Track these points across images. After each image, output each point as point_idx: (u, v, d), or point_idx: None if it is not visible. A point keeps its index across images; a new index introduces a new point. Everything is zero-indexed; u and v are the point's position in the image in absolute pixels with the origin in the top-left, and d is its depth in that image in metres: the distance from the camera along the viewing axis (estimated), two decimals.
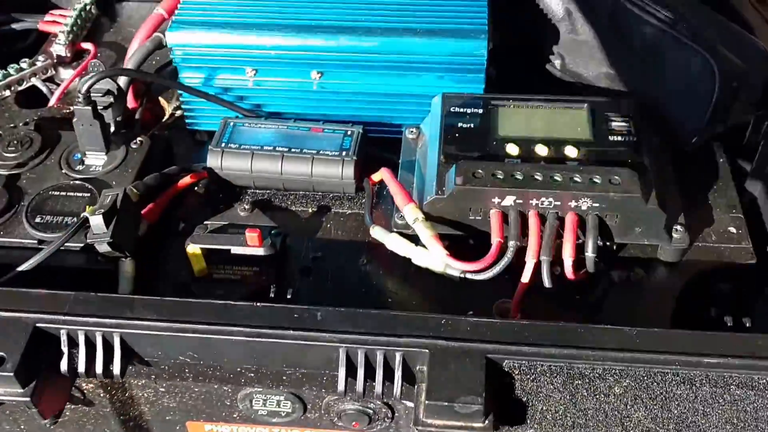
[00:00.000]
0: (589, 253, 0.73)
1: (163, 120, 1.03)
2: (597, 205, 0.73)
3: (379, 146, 0.92)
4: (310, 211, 0.88)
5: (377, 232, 0.80)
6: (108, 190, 0.79)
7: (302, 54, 0.88)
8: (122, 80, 0.96)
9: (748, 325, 0.73)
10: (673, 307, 0.76)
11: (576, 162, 0.77)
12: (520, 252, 0.73)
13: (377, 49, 0.86)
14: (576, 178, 0.73)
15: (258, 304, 0.67)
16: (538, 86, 0.99)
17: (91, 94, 0.86)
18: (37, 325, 0.67)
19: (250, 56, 0.89)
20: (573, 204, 0.73)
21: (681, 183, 0.83)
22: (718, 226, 0.82)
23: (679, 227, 0.77)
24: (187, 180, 0.88)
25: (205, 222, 0.85)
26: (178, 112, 0.99)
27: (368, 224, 0.81)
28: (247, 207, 0.86)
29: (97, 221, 0.76)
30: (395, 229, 0.80)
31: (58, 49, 1.10)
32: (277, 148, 0.86)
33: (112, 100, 0.90)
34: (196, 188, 0.90)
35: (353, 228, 0.86)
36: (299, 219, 0.87)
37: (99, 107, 0.88)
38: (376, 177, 0.85)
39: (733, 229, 0.81)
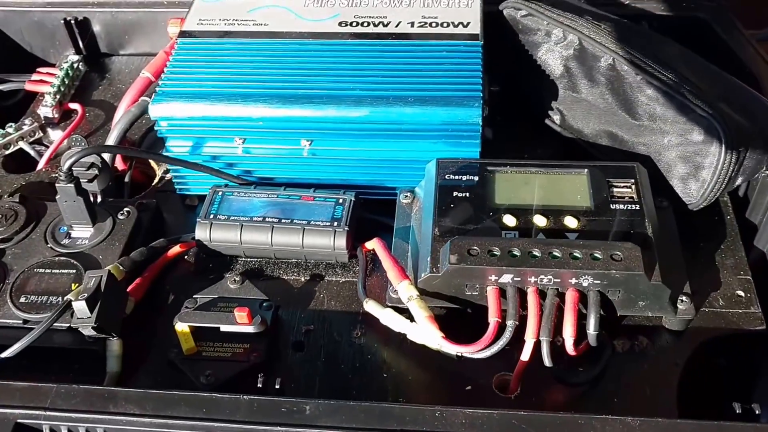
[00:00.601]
0: (591, 331, 0.70)
1: (154, 183, 1.00)
2: (598, 282, 0.70)
3: (373, 209, 0.89)
4: (302, 279, 0.85)
5: (371, 307, 0.77)
6: (92, 272, 0.76)
7: (290, 124, 0.85)
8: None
9: (757, 412, 0.70)
10: (679, 378, 0.73)
11: (576, 233, 0.74)
12: (521, 325, 0.70)
13: (367, 119, 0.84)
14: (576, 254, 0.70)
15: (244, 396, 0.64)
16: (538, 142, 0.97)
17: (74, 170, 0.83)
18: (19, 420, 0.65)
19: (236, 126, 0.87)
20: (573, 281, 0.70)
21: (686, 243, 0.80)
22: (726, 289, 0.79)
23: (684, 298, 0.74)
24: (176, 250, 0.86)
25: (195, 296, 0.82)
26: (169, 175, 0.96)
27: (361, 298, 0.78)
28: (237, 279, 0.83)
29: (80, 306, 0.73)
30: (389, 304, 0.77)
31: (45, 111, 1.09)
32: (266, 219, 0.84)
33: (96, 173, 0.87)
34: (186, 257, 0.88)
35: (347, 298, 0.83)
36: (291, 289, 0.84)
37: (83, 180, 0.86)
38: (369, 245, 0.82)
39: (741, 293, 0.78)
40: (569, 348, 0.70)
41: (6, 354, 0.74)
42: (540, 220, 0.76)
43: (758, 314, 0.77)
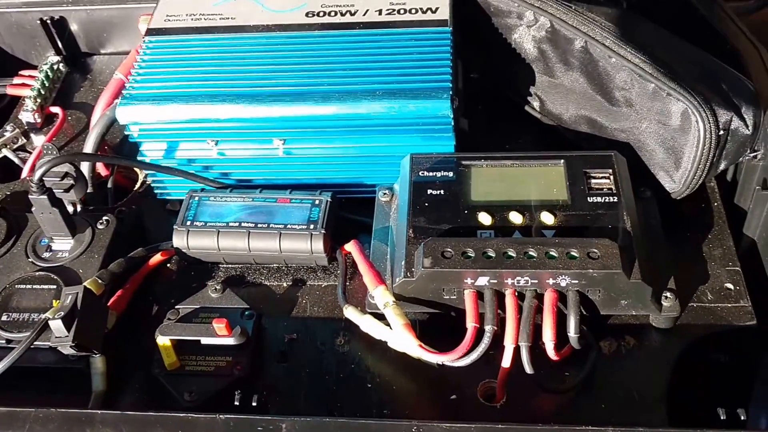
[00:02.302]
0: (572, 334, 0.68)
1: (136, 188, 0.99)
2: (576, 281, 0.69)
3: (354, 208, 0.88)
4: (284, 285, 0.84)
5: (351, 313, 0.76)
6: (68, 289, 0.76)
7: (260, 124, 0.84)
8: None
9: (743, 417, 0.68)
10: (668, 378, 0.71)
11: (553, 230, 0.73)
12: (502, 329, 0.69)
13: (336, 116, 0.82)
14: (552, 253, 0.69)
15: (220, 416, 0.64)
16: (519, 129, 0.95)
17: (48, 181, 0.83)
18: None
19: (207, 128, 0.85)
20: (551, 281, 0.69)
21: (671, 234, 0.78)
22: (714, 282, 0.77)
23: (669, 294, 0.72)
24: (157, 259, 0.86)
25: (177, 306, 0.82)
26: (150, 179, 0.95)
27: (341, 305, 0.77)
28: (218, 287, 0.83)
29: (57, 325, 0.73)
30: (369, 310, 0.76)
31: (27, 116, 1.08)
32: (243, 224, 0.83)
33: (72, 182, 0.86)
34: (168, 264, 0.87)
35: (329, 303, 0.82)
36: (273, 295, 0.84)
37: (59, 190, 0.85)
38: (348, 247, 0.81)
39: (730, 286, 0.76)
40: (550, 353, 0.69)
41: None
42: (516, 218, 0.74)
43: (748, 308, 0.75)
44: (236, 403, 0.69)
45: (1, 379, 0.74)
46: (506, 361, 0.68)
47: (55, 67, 1.14)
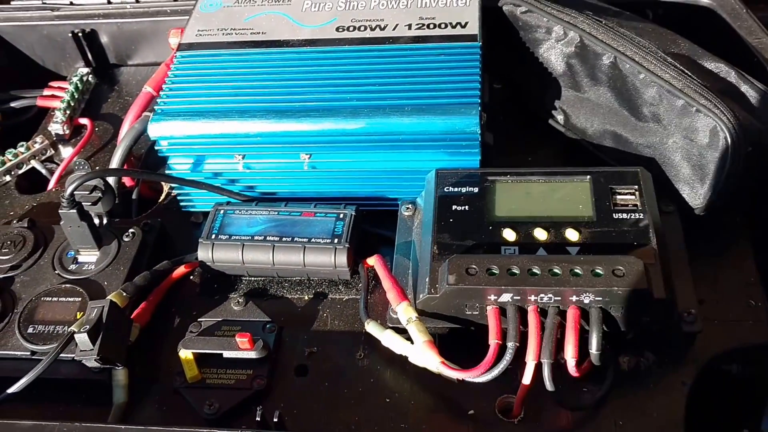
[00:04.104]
0: (594, 351, 0.68)
1: (160, 200, 1.00)
2: (600, 299, 0.68)
3: (376, 221, 0.88)
4: (305, 298, 0.84)
5: (372, 328, 0.76)
6: (94, 303, 0.76)
7: (288, 138, 0.84)
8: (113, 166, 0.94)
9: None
10: (688, 397, 0.71)
11: (578, 247, 0.72)
12: (523, 344, 0.68)
13: (364, 131, 0.82)
14: (577, 270, 0.68)
15: (242, 430, 0.64)
16: (542, 143, 0.95)
17: (77, 195, 0.83)
18: None
19: (235, 143, 0.86)
20: (574, 298, 0.68)
21: (693, 250, 0.77)
22: (736, 299, 0.76)
23: (691, 310, 0.71)
24: (181, 271, 0.86)
25: (200, 319, 0.82)
26: (174, 192, 0.96)
27: (363, 319, 0.77)
28: (240, 300, 0.83)
29: (82, 339, 0.73)
30: (390, 324, 0.76)
31: (56, 127, 1.09)
32: (267, 238, 0.83)
33: (99, 195, 0.87)
34: (191, 277, 0.88)
35: (350, 317, 0.82)
36: (295, 308, 0.84)
37: (87, 203, 0.86)
38: (371, 262, 0.81)
39: (752, 302, 0.76)
40: (571, 369, 0.68)
41: (12, 389, 0.74)
42: (540, 234, 0.73)
43: None
44: (258, 418, 0.69)
45: (24, 390, 0.74)
46: (527, 378, 0.68)
47: (85, 78, 1.16)
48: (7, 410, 0.75)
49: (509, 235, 0.74)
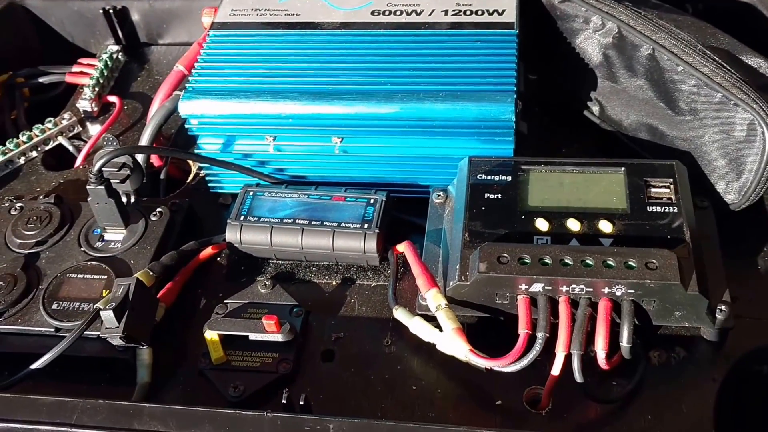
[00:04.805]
0: (624, 344, 0.67)
1: (188, 180, 1.00)
2: (632, 291, 0.67)
3: (406, 208, 0.87)
4: (333, 283, 0.84)
5: (400, 315, 0.75)
6: (120, 280, 0.76)
7: (320, 121, 0.83)
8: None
9: None
10: (718, 394, 0.70)
11: (611, 239, 0.71)
12: (552, 336, 0.68)
13: (398, 115, 0.81)
14: (609, 262, 0.67)
15: (267, 414, 0.63)
16: (576, 134, 0.94)
17: (105, 171, 0.83)
18: None
19: (267, 124, 0.85)
20: (606, 290, 0.67)
21: (727, 246, 0.76)
22: None
23: (723, 306, 0.70)
24: (208, 252, 0.86)
25: (226, 301, 0.82)
26: (203, 172, 0.95)
27: (391, 306, 0.76)
28: (267, 283, 0.83)
29: (108, 316, 0.73)
30: (419, 311, 0.75)
31: (84, 104, 1.09)
32: (297, 221, 0.82)
33: (128, 173, 0.87)
34: (218, 258, 0.87)
35: (378, 303, 0.81)
36: (322, 293, 0.83)
37: (115, 181, 0.86)
38: (400, 248, 0.80)
39: None
40: (601, 362, 0.67)
41: (36, 365, 0.74)
42: (573, 225, 0.73)
43: None
44: (283, 401, 0.69)
45: (48, 367, 0.74)
46: (556, 369, 0.67)
47: (114, 56, 1.15)
48: (30, 387, 0.75)
49: (542, 225, 0.73)
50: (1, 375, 0.77)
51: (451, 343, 0.70)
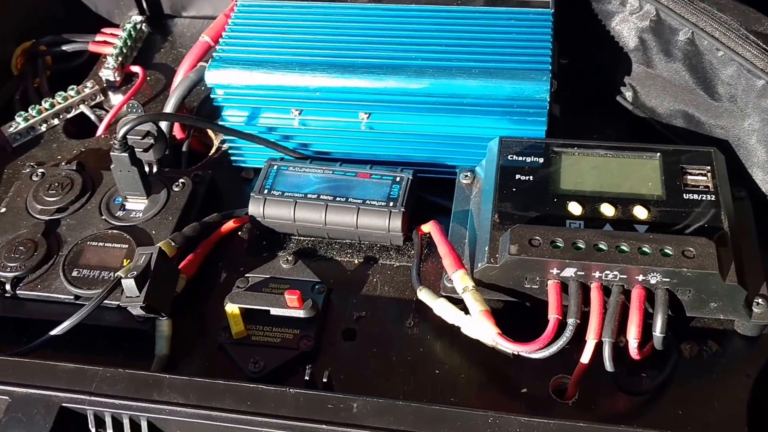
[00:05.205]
0: (658, 333, 0.65)
1: (210, 153, 0.98)
2: (668, 279, 0.65)
3: (431, 188, 0.86)
4: (356, 262, 0.82)
5: (424, 296, 0.74)
6: (142, 249, 0.75)
7: (348, 95, 0.82)
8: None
9: None
10: (751, 391, 0.68)
11: (646, 225, 0.69)
12: (582, 323, 0.66)
13: (428, 91, 0.79)
14: (645, 249, 0.66)
15: (290, 390, 0.62)
16: (607, 120, 0.92)
17: (129, 139, 0.82)
18: (64, 404, 0.64)
19: (293, 96, 0.83)
20: (641, 278, 0.66)
21: (764, 238, 0.74)
22: None
23: (760, 300, 0.68)
24: (229, 225, 0.84)
25: (247, 275, 0.81)
26: (225, 145, 0.94)
27: (415, 286, 0.75)
28: (290, 258, 0.81)
29: (129, 284, 0.72)
30: (443, 293, 0.74)
31: (107, 73, 1.07)
32: (321, 197, 0.81)
33: (152, 141, 0.86)
34: (239, 233, 0.86)
35: (401, 283, 0.80)
36: (344, 271, 0.82)
37: (139, 150, 0.84)
38: (425, 228, 0.79)
39: None
40: (633, 351, 0.66)
41: (55, 332, 0.73)
42: (607, 210, 0.71)
43: None
44: (306, 378, 0.67)
45: (66, 334, 0.73)
46: (586, 357, 0.66)
47: (138, 26, 1.14)
48: (48, 354, 0.74)
49: (575, 208, 0.71)
50: (19, 341, 0.76)
51: (479, 325, 0.68)
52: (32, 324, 0.77)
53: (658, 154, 0.74)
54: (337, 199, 0.80)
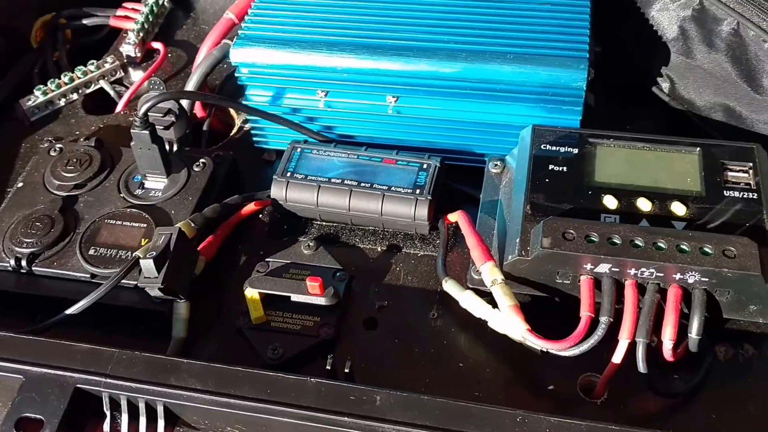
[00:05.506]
0: (693, 335, 0.63)
1: (232, 133, 0.96)
2: (706, 279, 0.63)
3: (459, 176, 0.83)
4: (378, 249, 0.80)
5: (450, 287, 0.72)
6: (162, 229, 0.73)
7: (376, 77, 0.79)
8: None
9: None
10: None
11: (684, 222, 0.67)
12: (614, 321, 0.64)
13: (459, 76, 0.77)
14: (683, 246, 0.63)
15: (311, 379, 0.60)
16: (642, 112, 0.89)
17: (150, 116, 0.80)
18: (78, 386, 0.62)
19: (320, 77, 0.81)
20: (678, 276, 0.63)
21: None
22: None
23: None
24: (250, 208, 0.82)
25: (267, 259, 0.79)
26: (247, 126, 0.92)
27: (441, 277, 0.73)
28: (311, 244, 0.79)
29: (147, 265, 0.70)
30: (470, 285, 0.71)
31: (128, 49, 1.05)
32: (345, 182, 0.79)
33: (173, 119, 0.83)
34: (260, 215, 0.84)
35: (424, 273, 0.78)
36: (367, 258, 0.80)
37: (159, 127, 0.82)
38: (452, 217, 0.77)
39: None
40: (667, 353, 0.63)
41: (71, 311, 0.72)
42: (644, 204, 0.68)
43: None
44: (328, 367, 0.65)
45: (82, 313, 0.72)
46: (618, 357, 0.63)
47: (160, 1, 1.12)
48: (63, 333, 0.72)
49: (610, 202, 0.69)
50: (34, 318, 0.74)
51: (507, 321, 0.66)
52: (47, 301, 0.75)
53: (698, 148, 0.72)
54: (362, 184, 0.78)
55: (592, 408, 0.66)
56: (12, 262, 0.77)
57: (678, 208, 0.68)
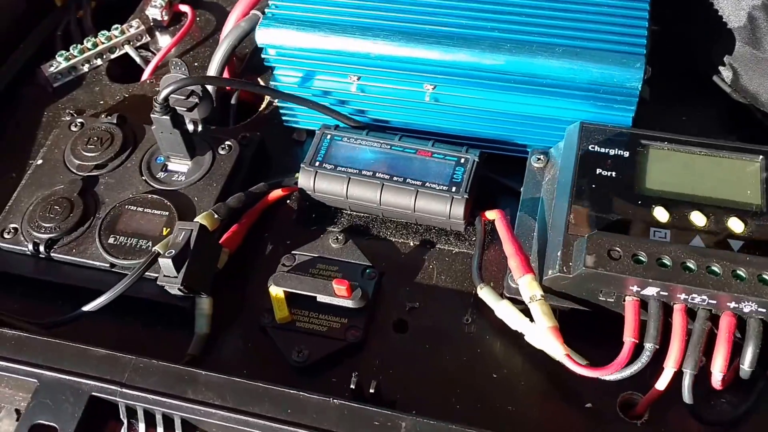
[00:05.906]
0: (746, 368, 0.58)
1: (261, 108, 0.92)
2: (764, 310, 0.58)
3: (498, 167, 0.78)
4: (411, 244, 0.76)
5: (486, 295, 0.68)
6: (182, 224, 0.70)
7: (413, 65, 0.74)
8: (212, 69, 0.86)
9: None
10: None
11: (741, 241, 0.61)
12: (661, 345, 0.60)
13: (503, 68, 0.71)
14: (740, 273, 0.58)
15: (334, 400, 0.57)
16: (699, 102, 0.83)
17: (172, 99, 0.76)
18: (94, 393, 0.60)
19: (352, 62, 0.76)
20: (732, 305, 0.58)
21: None
22: None
23: None
24: (277, 193, 0.78)
25: (293, 252, 0.75)
26: (277, 101, 0.87)
27: (476, 283, 0.69)
28: (339, 237, 0.75)
29: (166, 264, 0.67)
30: (507, 294, 0.67)
31: (154, 12, 1.00)
32: (377, 174, 0.74)
33: (196, 101, 0.79)
34: (288, 201, 0.80)
35: (459, 273, 0.74)
36: (398, 254, 0.76)
37: (183, 109, 0.79)
38: (490, 215, 0.72)
39: None
40: (716, 383, 0.59)
41: (88, 308, 0.70)
42: (698, 219, 0.63)
43: None
44: (352, 386, 0.62)
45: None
46: (662, 384, 0.59)
47: None
48: (85, 324, 0.70)
49: (661, 214, 0.64)
50: (53, 306, 0.73)
51: (545, 342, 0.62)
52: (66, 289, 0.73)
53: (761, 156, 0.66)
54: (395, 178, 0.74)
55: (632, 429, 0.63)
56: (30, 246, 0.75)
57: (735, 225, 0.62)
